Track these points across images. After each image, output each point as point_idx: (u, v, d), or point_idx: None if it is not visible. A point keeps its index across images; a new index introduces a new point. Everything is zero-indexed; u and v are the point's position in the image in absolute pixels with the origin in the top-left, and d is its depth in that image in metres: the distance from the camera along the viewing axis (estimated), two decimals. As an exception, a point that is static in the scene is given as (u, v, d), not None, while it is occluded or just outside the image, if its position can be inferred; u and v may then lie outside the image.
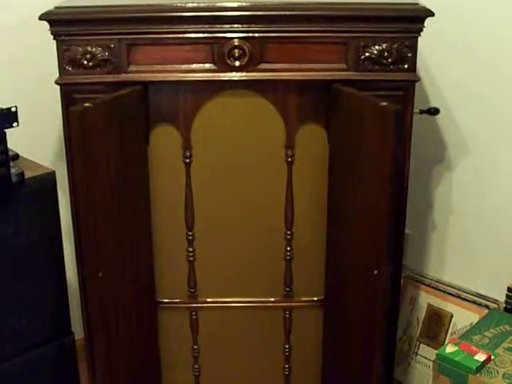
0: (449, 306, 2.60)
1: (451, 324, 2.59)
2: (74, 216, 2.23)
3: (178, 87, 2.16)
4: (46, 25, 2.08)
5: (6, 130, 2.09)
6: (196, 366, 2.49)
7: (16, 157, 2.21)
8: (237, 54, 2.10)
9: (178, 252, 2.34)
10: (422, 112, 2.37)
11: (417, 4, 2.12)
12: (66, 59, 2.11)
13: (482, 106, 2.47)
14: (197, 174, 2.25)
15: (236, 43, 2.09)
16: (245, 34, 2.09)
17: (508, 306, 2.44)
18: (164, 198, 2.28)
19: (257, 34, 2.09)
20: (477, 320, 2.45)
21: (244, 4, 2.11)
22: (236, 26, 2.09)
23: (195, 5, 2.10)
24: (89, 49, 2.10)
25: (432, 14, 2.07)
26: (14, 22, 2.46)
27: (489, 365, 2.17)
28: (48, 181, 2.22)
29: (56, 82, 2.13)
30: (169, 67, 2.13)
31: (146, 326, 2.38)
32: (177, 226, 2.31)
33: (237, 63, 2.11)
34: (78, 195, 2.07)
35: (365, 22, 2.09)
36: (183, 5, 2.10)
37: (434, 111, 2.39)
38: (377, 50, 2.11)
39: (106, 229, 2.13)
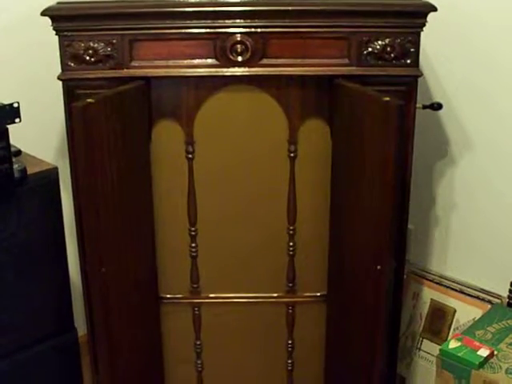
0: (452, 302, 2.60)
1: (454, 319, 2.59)
2: (77, 212, 2.23)
3: (180, 82, 2.16)
4: (48, 20, 2.08)
5: (9, 126, 2.09)
6: (199, 362, 2.49)
7: (18, 153, 2.21)
8: (239, 49, 2.10)
9: (181, 247, 2.34)
10: (424, 107, 2.36)
11: (419, -1, 2.12)
12: (68, 55, 2.11)
13: (484, 101, 2.46)
14: (199, 169, 2.25)
15: (238, 38, 2.09)
16: (247, 29, 2.09)
17: (511, 301, 2.44)
18: (166, 194, 2.28)
19: (259, 29, 2.09)
20: (480, 315, 2.45)
21: (246, -1, 2.11)
22: (238, 21, 2.08)
23: (197, 0, 2.10)
24: (91, 44, 2.10)
25: (435, 9, 2.06)
26: (16, 18, 2.45)
27: (492, 360, 2.17)
28: (51, 176, 2.22)
29: (58, 78, 2.13)
30: (171, 62, 2.13)
31: (149, 322, 2.38)
32: (179, 222, 2.31)
33: (239, 58, 2.11)
34: (81, 191, 2.07)
35: (367, 17, 2.08)
36: (186, 0, 2.10)
37: (437, 106, 2.39)
38: (379, 45, 2.10)
39: (109, 224, 2.13)
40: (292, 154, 2.23)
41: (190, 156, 2.24)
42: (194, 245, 2.33)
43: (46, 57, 2.31)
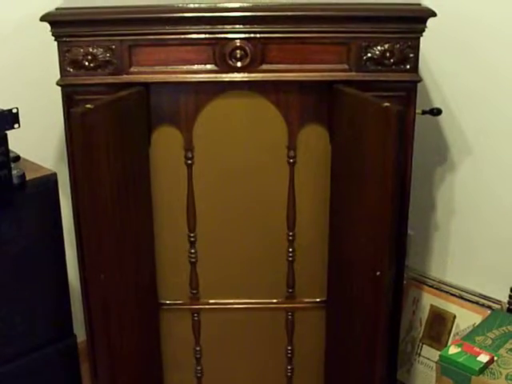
0: (451, 307, 2.60)
1: (454, 325, 2.58)
2: (76, 218, 2.23)
3: (179, 88, 2.16)
4: (47, 26, 2.08)
5: (8, 132, 2.08)
6: (198, 368, 2.48)
7: (17, 158, 2.21)
8: (238, 55, 2.10)
9: (180, 253, 2.33)
10: (424, 113, 2.36)
11: (419, 4, 2.11)
12: (67, 60, 2.11)
13: (484, 106, 2.46)
14: (198, 175, 2.25)
15: (237, 44, 2.09)
16: (246, 35, 2.09)
17: (511, 307, 2.44)
18: (166, 200, 2.28)
19: (258, 35, 2.09)
20: (480, 321, 2.44)
21: (245, 5, 2.10)
22: (237, 26, 2.08)
23: (196, 6, 2.10)
24: (90, 50, 2.10)
25: (434, 15, 2.06)
26: (15, 24, 2.45)
27: (492, 366, 2.16)
28: (49, 182, 2.22)
29: (57, 84, 2.13)
30: (170, 68, 2.13)
31: (148, 328, 2.37)
32: (178, 228, 2.30)
33: (238, 64, 2.11)
34: (80, 196, 2.07)
35: (367, 22, 2.08)
36: (185, 6, 2.10)
37: (437, 112, 2.39)
38: (379, 51, 2.10)
39: (108, 230, 2.12)
40: (291, 160, 2.23)
41: (190, 162, 2.23)
42: (193, 251, 2.33)
43: (45, 62, 2.31)
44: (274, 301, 2.40)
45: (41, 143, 2.58)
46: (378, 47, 2.10)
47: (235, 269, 2.35)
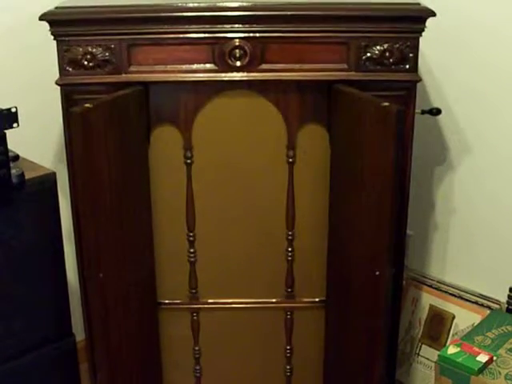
0: (451, 307, 2.60)
1: (453, 325, 2.58)
2: (75, 217, 2.23)
3: (178, 87, 2.16)
4: (46, 25, 2.08)
5: (7, 131, 2.08)
6: (197, 367, 2.48)
7: (16, 158, 2.20)
8: (238, 54, 2.10)
9: (179, 253, 2.33)
10: (423, 112, 2.36)
11: (418, 4, 2.11)
12: (66, 60, 2.11)
13: (483, 106, 2.46)
14: (198, 174, 2.25)
15: (237, 43, 2.09)
16: (246, 34, 2.09)
17: (510, 307, 2.44)
18: (165, 199, 2.28)
19: (258, 34, 2.09)
20: (479, 321, 2.44)
21: (245, 4, 2.10)
22: (237, 26, 2.08)
23: (196, 5, 2.10)
24: (89, 49, 2.09)
25: (433, 14, 2.06)
26: (14, 23, 2.45)
27: (491, 366, 2.16)
28: (48, 182, 2.22)
29: (56, 83, 2.13)
30: (169, 67, 2.13)
31: (147, 327, 2.37)
32: (178, 227, 2.30)
33: (238, 63, 2.11)
34: (79, 196, 2.07)
35: (366, 22, 2.08)
36: (184, 5, 2.10)
37: (436, 111, 2.39)
38: (378, 50, 2.10)
39: (107, 230, 2.12)
40: (290, 160, 2.23)
41: (189, 161, 2.23)
42: (192, 250, 2.33)
43: (45, 61, 2.31)
44: (273, 300, 2.40)
45: (40, 142, 2.58)
46: (378, 47, 2.10)
47: (234, 268, 2.35)
